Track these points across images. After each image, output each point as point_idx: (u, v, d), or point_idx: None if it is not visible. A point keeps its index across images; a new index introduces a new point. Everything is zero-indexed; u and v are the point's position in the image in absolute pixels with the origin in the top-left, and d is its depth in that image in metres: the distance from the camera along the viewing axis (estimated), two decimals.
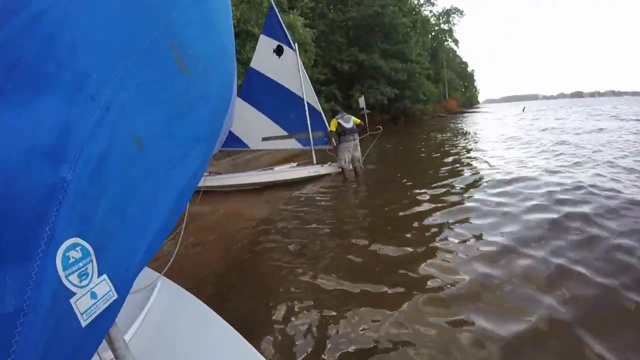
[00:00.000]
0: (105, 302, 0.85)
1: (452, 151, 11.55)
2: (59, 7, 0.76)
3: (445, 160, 10.05)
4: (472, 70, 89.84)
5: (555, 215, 4.48)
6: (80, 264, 0.78)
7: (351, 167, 8.73)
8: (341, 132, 8.57)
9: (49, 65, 0.74)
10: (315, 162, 9.24)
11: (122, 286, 0.91)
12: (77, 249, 0.77)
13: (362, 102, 20.77)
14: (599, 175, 6.36)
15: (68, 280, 0.76)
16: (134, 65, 0.90)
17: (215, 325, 1.72)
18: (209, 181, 8.71)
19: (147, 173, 0.96)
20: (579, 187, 5.57)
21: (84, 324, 0.80)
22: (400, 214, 5.47)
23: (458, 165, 8.95)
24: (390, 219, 5.36)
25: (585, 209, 4.58)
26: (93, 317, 0.82)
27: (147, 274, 2.13)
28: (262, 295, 3.47)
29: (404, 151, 12.41)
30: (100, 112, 0.82)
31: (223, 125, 1.36)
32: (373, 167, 10.13)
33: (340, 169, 8.76)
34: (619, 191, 5.18)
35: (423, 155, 11.81)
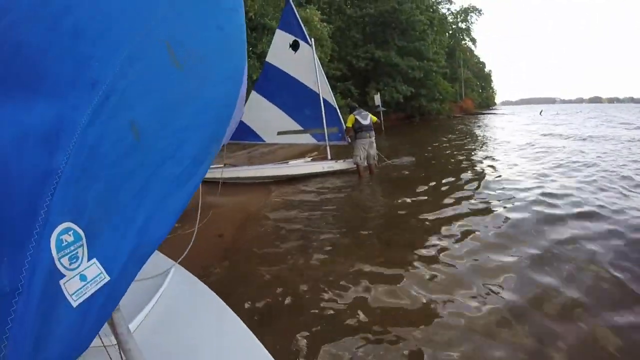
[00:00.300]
0: (95, 284, 0.88)
1: (469, 157, 11.14)
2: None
3: (462, 166, 9.61)
4: (490, 70, 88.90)
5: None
6: (72, 247, 0.82)
7: (366, 164, 8.67)
8: (358, 129, 8.52)
9: (50, 51, 0.77)
10: (329, 157, 9.20)
11: (114, 270, 0.93)
12: (69, 232, 0.80)
13: (377, 99, 20.75)
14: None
15: (60, 262, 0.79)
16: (132, 54, 0.93)
17: (224, 317, 1.71)
18: (225, 173, 8.75)
19: (141, 162, 0.99)
20: None
21: (74, 304, 0.83)
22: (411, 213, 5.43)
23: (475, 173, 8.54)
24: (402, 217, 5.33)
25: None
26: (83, 297, 0.85)
27: (162, 261, 2.15)
28: (269, 285, 3.50)
29: (420, 152, 12.22)
30: (100, 100, 0.84)
31: (229, 118, 1.37)
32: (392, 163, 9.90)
33: (355, 166, 8.70)
34: None
35: (440, 159, 11.36)
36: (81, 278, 0.85)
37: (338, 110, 9.18)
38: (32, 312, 0.75)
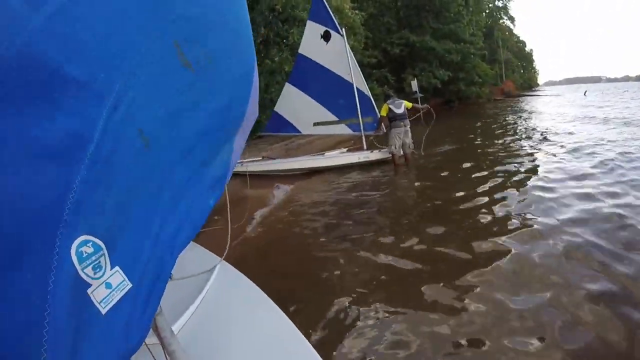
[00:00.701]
0: (120, 291, 0.90)
1: (512, 146, 10.37)
2: (72, 3, 0.77)
3: (502, 153, 8.97)
4: (531, 49, 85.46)
5: None
6: (93, 258, 0.83)
7: (401, 152, 8.54)
8: (392, 118, 8.40)
9: (61, 65, 0.76)
10: (365, 147, 9.14)
11: (134, 276, 0.95)
12: (88, 244, 0.82)
13: (414, 85, 20.42)
14: None
15: (84, 272, 0.80)
16: (139, 61, 0.92)
17: (272, 316, 1.69)
18: (263, 166, 8.95)
19: (152, 169, 1.00)
20: None
21: (103, 311, 0.86)
22: (449, 202, 5.32)
23: (513, 158, 8.09)
24: (440, 207, 5.23)
25: None
26: (111, 304, 0.87)
27: (207, 258, 2.17)
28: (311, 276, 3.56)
29: (459, 141, 11.85)
30: (108, 111, 0.84)
31: (240, 118, 1.37)
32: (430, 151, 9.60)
33: (390, 155, 8.60)
34: None
35: (479, 149, 10.54)
36: (107, 286, 0.87)
37: (372, 100, 9.09)
38: (64, 324, 0.76)
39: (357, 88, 8.96)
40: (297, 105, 9.54)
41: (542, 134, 11.11)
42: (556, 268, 3.15)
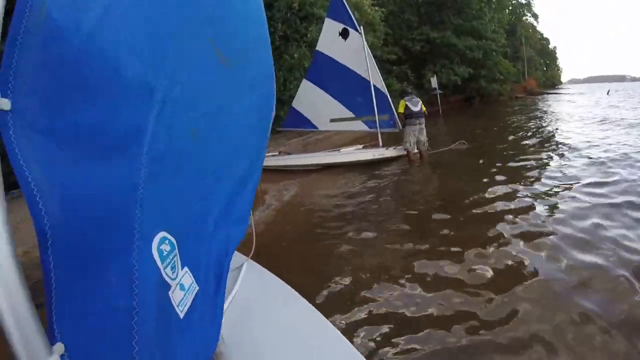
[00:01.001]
0: (191, 293, 0.88)
1: (528, 142, 10.46)
2: (109, 18, 0.78)
3: (523, 154, 8.79)
4: (554, 47, 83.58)
5: None
6: (171, 256, 0.82)
7: (416, 150, 8.60)
8: (408, 115, 8.48)
9: (107, 75, 0.77)
10: (381, 144, 9.19)
11: (201, 277, 0.93)
12: (166, 242, 0.81)
13: (434, 82, 20.28)
14: None
15: (165, 273, 0.79)
16: (180, 59, 0.93)
17: (304, 311, 1.64)
18: (280, 160, 9.07)
19: (201, 165, 1.00)
20: None
21: (181, 315, 0.83)
22: (466, 202, 5.35)
23: (534, 162, 7.87)
24: (456, 206, 5.27)
25: None
26: (186, 307, 0.85)
27: (234, 258, 2.15)
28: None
29: (476, 139, 11.78)
30: (159, 106, 0.85)
31: (272, 110, 1.39)
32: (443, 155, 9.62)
33: (405, 152, 8.67)
34: None
35: (499, 146, 10.48)
36: (181, 287, 0.85)
37: (389, 97, 9.13)
38: (151, 330, 0.74)
39: (374, 85, 9.01)
40: (314, 102, 9.65)
41: (561, 136, 10.95)
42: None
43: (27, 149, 0.63)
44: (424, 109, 8.71)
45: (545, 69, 71.86)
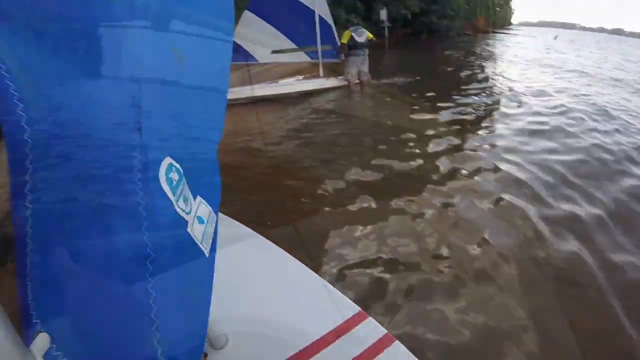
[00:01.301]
0: (212, 224, 0.76)
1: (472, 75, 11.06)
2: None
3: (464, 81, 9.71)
4: None
5: None
6: (181, 187, 0.70)
7: (357, 80, 8.77)
8: (352, 46, 8.53)
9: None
10: (321, 75, 9.23)
11: (215, 203, 0.82)
12: (173, 170, 0.69)
13: (383, 14, 19.92)
14: None
15: (178, 207, 0.67)
16: None
17: (288, 264, 1.59)
18: None
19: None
20: None
21: (207, 253, 0.72)
22: (393, 129, 5.78)
23: (475, 89, 8.72)
24: (391, 133, 5.62)
25: None
26: (209, 243, 0.74)
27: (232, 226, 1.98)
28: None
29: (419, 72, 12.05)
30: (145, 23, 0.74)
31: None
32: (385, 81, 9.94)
33: (346, 82, 8.81)
34: None
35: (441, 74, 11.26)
36: (199, 220, 0.73)
37: (334, 28, 9.05)
38: (172, 275, 0.63)
39: (319, 15, 8.86)
40: (256, 33, 9.31)
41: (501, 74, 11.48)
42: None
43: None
44: (370, 36, 8.69)
45: (498, 9, 71.70)
